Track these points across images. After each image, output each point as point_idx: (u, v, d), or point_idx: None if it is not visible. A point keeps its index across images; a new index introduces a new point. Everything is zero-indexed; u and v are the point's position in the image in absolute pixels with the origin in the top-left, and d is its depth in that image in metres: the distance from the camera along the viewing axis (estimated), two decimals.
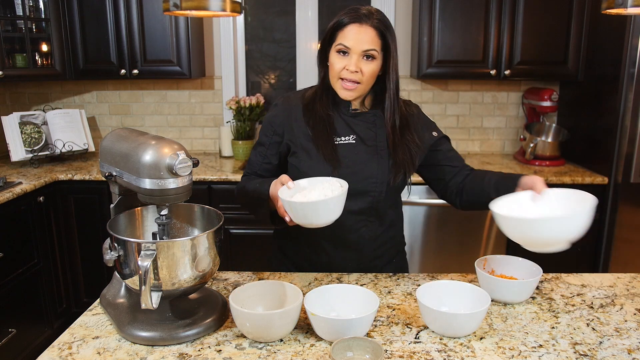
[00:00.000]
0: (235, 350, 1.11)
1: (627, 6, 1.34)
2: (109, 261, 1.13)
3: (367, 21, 1.37)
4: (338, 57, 1.39)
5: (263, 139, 1.53)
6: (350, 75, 1.38)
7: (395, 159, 1.45)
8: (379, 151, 1.46)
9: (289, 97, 1.53)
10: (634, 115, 2.65)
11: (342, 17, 1.39)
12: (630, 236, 2.78)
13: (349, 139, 1.45)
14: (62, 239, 2.91)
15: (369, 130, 1.47)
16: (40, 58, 3.10)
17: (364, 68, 1.38)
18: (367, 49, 1.37)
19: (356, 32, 1.36)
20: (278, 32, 3.48)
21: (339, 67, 1.39)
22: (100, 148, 1.27)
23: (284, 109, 1.50)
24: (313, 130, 1.44)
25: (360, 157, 1.44)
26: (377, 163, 1.45)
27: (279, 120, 1.49)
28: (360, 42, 1.36)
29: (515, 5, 2.91)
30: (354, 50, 1.37)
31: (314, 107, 1.47)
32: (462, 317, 1.12)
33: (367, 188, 1.44)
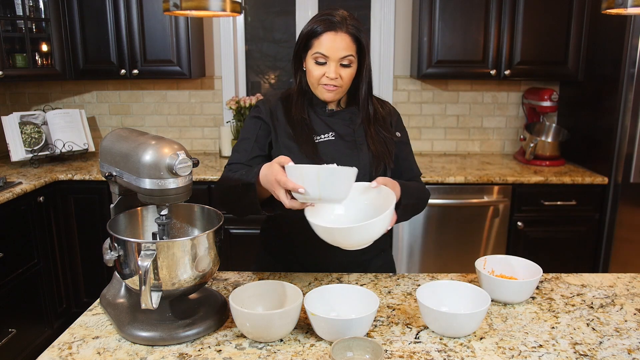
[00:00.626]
0: (235, 350, 1.11)
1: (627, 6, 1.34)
2: (109, 261, 1.13)
3: (342, 28, 1.40)
4: (316, 66, 1.42)
5: (247, 134, 1.52)
6: (330, 81, 1.42)
7: (374, 151, 1.49)
8: (358, 145, 1.50)
9: (268, 99, 1.56)
10: (634, 115, 2.65)
11: (316, 25, 1.41)
12: (630, 236, 2.79)
13: (328, 136, 1.49)
14: (62, 239, 2.91)
15: (347, 127, 1.51)
16: (40, 58, 3.10)
17: (343, 73, 1.43)
18: (344, 55, 1.40)
19: (332, 40, 1.39)
20: (278, 32, 3.48)
21: (318, 75, 1.43)
22: (100, 148, 1.27)
23: (265, 108, 1.52)
24: (293, 130, 1.48)
25: (341, 152, 1.48)
26: (358, 157, 1.49)
27: (264, 117, 1.51)
28: (337, 50, 1.40)
29: (515, 5, 2.91)
30: (332, 58, 1.40)
31: (291, 110, 1.50)
32: (462, 317, 1.12)
33: None
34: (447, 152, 3.48)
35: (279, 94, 1.57)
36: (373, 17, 3.33)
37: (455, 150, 3.48)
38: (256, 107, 1.55)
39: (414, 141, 3.46)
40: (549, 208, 2.85)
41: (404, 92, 3.39)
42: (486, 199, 2.85)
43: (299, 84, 1.51)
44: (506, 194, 2.85)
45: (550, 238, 2.90)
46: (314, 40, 1.42)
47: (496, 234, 2.88)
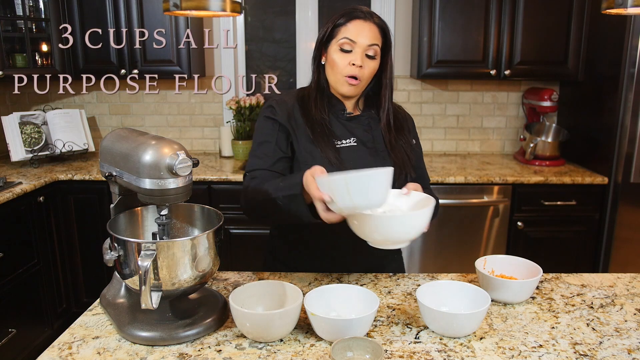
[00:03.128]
0: (235, 350, 1.11)
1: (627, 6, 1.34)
2: (109, 261, 1.13)
3: (370, 18, 1.39)
4: (341, 54, 1.38)
5: (267, 137, 1.43)
6: (355, 70, 1.37)
7: (395, 160, 1.45)
8: (379, 153, 1.46)
9: (283, 100, 1.48)
10: (634, 115, 2.65)
11: (341, 17, 1.39)
12: (630, 236, 2.79)
13: (350, 142, 1.45)
14: (62, 239, 2.91)
15: (366, 132, 1.47)
16: (40, 58, 3.09)
17: (366, 65, 1.39)
18: (370, 43, 1.37)
19: (360, 26, 1.37)
20: (278, 32, 3.48)
21: (343, 63, 1.38)
22: (100, 148, 1.26)
23: (281, 110, 1.44)
24: (313, 133, 1.42)
25: (363, 160, 1.44)
26: (380, 165, 1.44)
27: (279, 118, 1.43)
28: (365, 36, 1.37)
29: (515, 5, 2.91)
30: (359, 44, 1.37)
31: (310, 110, 1.44)
32: (462, 317, 1.12)
33: None
34: (447, 152, 3.48)
35: (295, 94, 1.50)
36: None
37: (455, 150, 3.48)
38: (270, 108, 1.46)
39: None
40: (549, 208, 2.85)
41: (404, 92, 3.39)
42: (486, 199, 2.85)
43: (317, 81, 1.46)
44: (506, 194, 2.85)
45: (550, 238, 2.90)
46: (340, 28, 1.38)
47: (496, 234, 2.88)
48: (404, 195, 1.29)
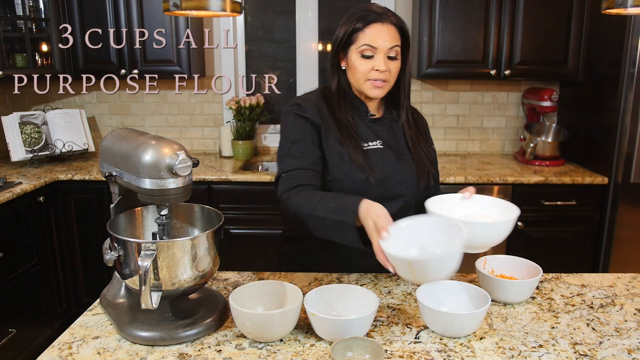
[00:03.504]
0: (235, 350, 1.11)
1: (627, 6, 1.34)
2: (109, 261, 1.13)
3: (387, 19, 1.36)
4: (362, 60, 1.37)
5: (301, 135, 1.38)
6: (380, 75, 1.36)
7: (418, 161, 1.46)
8: (403, 156, 1.46)
9: (308, 98, 1.45)
10: (634, 115, 2.65)
11: (358, 21, 1.36)
12: (630, 236, 2.78)
13: (376, 144, 1.43)
14: (62, 239, 2.91)
15: (390, 135, 1.47)
16: (40, 58, 3.09)
17: (390, 67, 1.38)
18: (391, 46, 1.36)
19: (379, 30, 1.35)
20: (278, 32, 3.48)
21: (366, 69, 1.37)
22: (100, 148, 1.26)
23: (310, 108, 1.41)
24: (340, 133, 1.39)
25: (390, 162, 1.43)
26: (405, 167, 1.45)
27: (311, 117, 1.40)
28: (384, 40, 1.35)
29: (515, 5, 2.91)
30: (380, 49, 1.35)
31: (335, 112, 1.42)
32: (462, 317, 1.12)
33: (400, 192, 1.44)
34: (447, 152, 3.48)
35: (318, 93, 1.47)
36: None
37: (455, 150, 3.48)
38: (297, 106, 1.42)
39: None
40: (549, 208, 2.85)
41: None
42: None
43: (337, 86, 1.43)
44: (506, 194, 2.84)
45: (550, 238, 2.90)
46: (358, 34, 1.36)
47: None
48: (467, 199, 1.33)
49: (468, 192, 1.36)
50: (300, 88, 3.46)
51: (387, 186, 1.39)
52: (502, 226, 1.21)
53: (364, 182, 1.37)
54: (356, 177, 1.37)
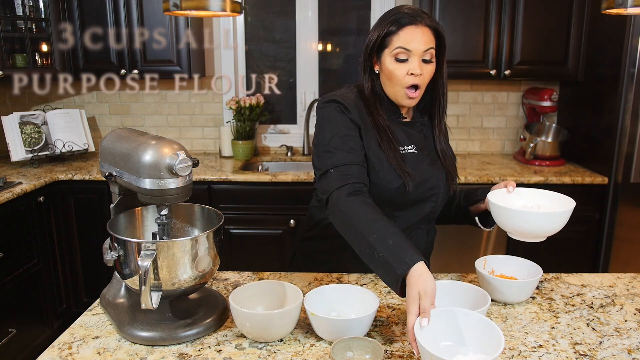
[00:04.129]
0: (235, 350, 1.11)
1: (627, 6, 1.34)
2: (109, 261, 1.13)
3: (421, 20, 1.32)
4: (398, 64, 1.32)
5: (347, 130, 1.33)
6: (415, 79, 1.32)
7: (448, 167, 1.46)
8: (435, 161, 1.45)
9: (346, 96, 1.39)
10: (634, 115, 2.65)
11: (391, 25, 1.32)
12: (630, 236, 2.78)
13: (412, 149, 1.41)
14: (62, 239, 2.91)
15: (422, 140, 1.45)
16: (40, 58, 3.10)
17: (424, 70, 1.33)
18: (426, 48, 1.31)
19: (413, 32, 1.30)
20: (278, 32, 3.48)
21: (401, 74, 1.32)
22: (100, 148, 1.27)
23: (351, 106, 1.37)
24: (380, 136, 1.37)
25: (424, 167, 1.42)
26: (437, 173, 1.44)
27: (353, 116, 1.36)
28: (419, 42, 1.30)
29: (515, 5, 2.91)
30: (415, 52, 1.31)
31: (373, 115, 1.38)
32: None
33: (431, 197, 1.44)
34: None
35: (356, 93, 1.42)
36: (373, 17, 3.33)
37: (455, 150, 3.48)
38: (339, 103, 1.37)
39: None
40: None
41: None
42: None
43: (371, 89, 1.40)
44: None
45: (551, 238, 2.89)
46: (392, 37, 1.32)
47: (496, 234, 2.88)
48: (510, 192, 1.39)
49: (511, 186, 1.39)
50: (300, 88, 3.47)
51: (421, 192, 1.39)
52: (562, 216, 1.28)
53: (400, 188, 1.35)
54: (393, 182, 1.35)
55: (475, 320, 1.03)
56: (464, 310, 1.05)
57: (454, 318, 1.04)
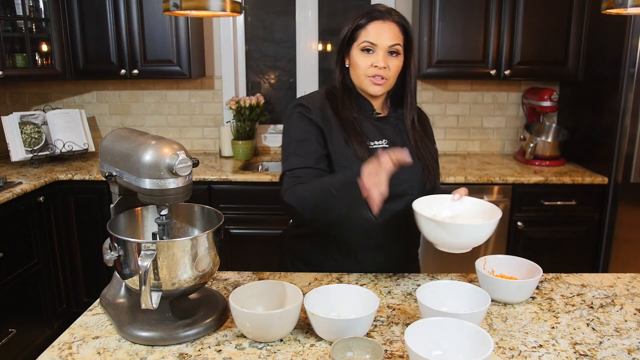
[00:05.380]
0: (235, 350, 1.11)
1: (627, 6, 1.34)
2: (109, 261, 1.13)
3: (389, 17, 1.38)
4: (363, 55, 1.39)
5: (304, 135, 1.40)
6: (379, 71, 1.38)
7: (423, 161, 1.47)
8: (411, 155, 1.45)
9: (312, 98, 1.47)
10: (634, 115, 2.65)
11: (361, 18, 1.39)
12: (630, 236, 2.78)
13: (382, 143, 1.44)
14: (62, 239, 2.91)
15: (396, 135, 1.48)
16: (40, 58, 3.10)
17: (390, 64, 1.39)
18: (392, 44, 1.37)
19: (380, 27, 1.37)
20: (278, 32, 3.48)
21: (365, 65, 1.39)
22: (100, 148, 1.27)
23: (314, 108, 1.43)
24: (345, 132, 1.41)
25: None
26: (412, 167, 1.44)
27: (313, 117, 1.42)
28: (385, 37, 1.37)
29: (515, 5, 2.91)
30: (380, 46, 1.37)
31: (339, 110, 1.43)
32: (462, 317, 1.12)
33: (406, 191, 1.45)
34: (447, 152, 3.48)
35: (322, 94, 1.48)
36: None
37: (455, 150, 3.48)
38: (301, 107, 1.43)
39: None
40: (549, 208, 2.85)
41: None
42: (486, 199, 2.85)
43: (341, 82, 1.45)
44: (506, 194, 2.85)
45: (550, 238, 2.90)
46: (360, 31, 1.39)
47: (496, 234, 2.88)
48: (457, 200, 1.38)
49: (458, 193, 1.38)
50: (300, 88, 3.46)
51: (392, 185, 1.39)
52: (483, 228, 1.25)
53: None
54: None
55: (468, 330, 1.03)
56: (457, 320, 1.05)
57: (447, 327, 1.05)
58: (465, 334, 1.03)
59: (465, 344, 1.02)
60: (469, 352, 1.02)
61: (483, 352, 0.96)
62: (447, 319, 1.06)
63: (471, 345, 1.01)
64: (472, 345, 1.01)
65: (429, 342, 1.04)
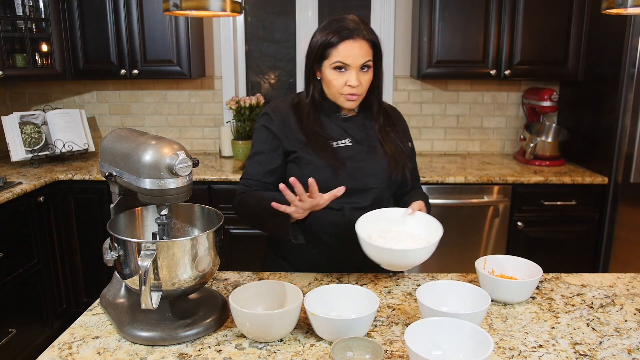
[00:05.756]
0: (235, 350, 1.11)
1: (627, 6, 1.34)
2: (109, 261, 1.13)
3: (359, 34, 1.40)
4: (336, 74, 1.42)
5: (261, 147, 1.51)
6: (352, 89, 1.42)
7: (390, 154, 1.51)
8: (375, 150, 1.51)
9: (278, 107, 1.54)
10: (634, 115, 2.65)
11: (330, 36, 1.41)
12: (630, 236, 2.78)
13: (345, 142, 1.50)
14: (62, 239, 2.91)
15: (361, 132, 1.52)
16: (40, 58, 3.10)
17: (363, 80, 1.43)
18: (363, 62, 1.41)
19: (351, 47, 1.40)
20: (278, 32, 3.48)
21: (339, 84, 1.42)
22: (100, 148, 1.27)
23: (276, 116, 1.51)
24: (307, 137, 1.47)
25: (360, 157, 1.49)
26: (375, 161, 1.50)
27: (274, 126, 1.50)
28: (356, 57, 1.40)
29: (515, 5, 2.91)
30: (353, 66, 1.41)
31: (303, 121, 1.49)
32: (462, 317, 1.12)
33: (370, 185, 1.49)
34: (447, 152, 3.48)
35: (289, 101, 1.55)
36: (373, 17, 3.33)
37: (455, 150, 3.48)
38: (265, 116, 1.52)
39: (414, 141, 3.45)
40: (549, 208, 2.85)
41: (404, 92, 3.39)
42: (486, 199, 2.85)
43: (311, 96, 1.50)
44: (506, 194, 2.85)
45: (550, 238, 2.90)
46: (331, 50, 1.41)
47: (496, 234, 2.88)
48: (409, 215, 1.39)
49: (411, 208, 1.40)
50: (300, 88, 3.47)
51: (356, 178, 1.47)
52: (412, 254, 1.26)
53: (333, 177, 1.44)
54: (324, 175, 1.43)
55: (468, 330, 1.03)
56: (457, 320, 1.05)
57: (447, 327, 1.05)
58: (465, 334, 1.03)
59: (465, 344, 1.02)
60: (469, 352, 1.02)
61: (483, 352, 0.96)
62: (447, 319, 1.06)
63: (471, 345, 1.01)
64: (472, 345, 1.01)
65: (429, 342, 1.04)
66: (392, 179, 1.51)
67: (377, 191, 1.50)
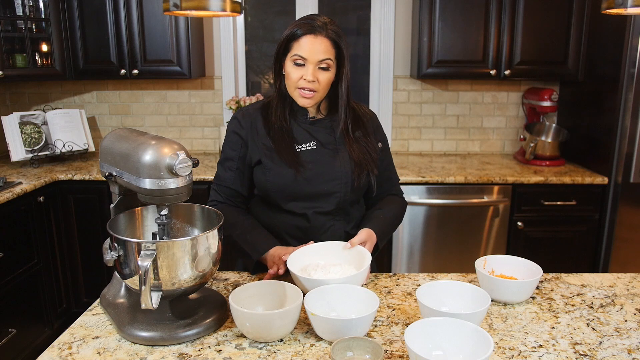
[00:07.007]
0: (235, 350, 1.11)
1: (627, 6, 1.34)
2: (109, 261, 1.13)
3: (322, 32, 1.42)
4: (294, 68, 1.43)
5: (231, 153, 1.54)
6: (308, 84, 1.42)
7: (356, 159, 1.51)
8: (340, 154, 1.51)
9: (247, 110, 1.56)
10: (634, 115, 2.65)
11: (296, 28, 1.42)
12: (630, 236, 2.79)
13: (310, 145, 1.50)
14: (62, 239, 2.91)
15: (328, 135, 1.53)
16: (40, 58, 3.09)
17: (320, 77, 1.43)
18: (322, 58, 1.41)
19: (311, 42, 1.41)
20: (278, 32, 3.48)
21: (295, 77, 1.43)
22: (100, 148, 1.27)
23: (245, 121, 1.53)
24: (273, 140, 1.49)
25: (323, 160, 1.49)
26: (340, 165, 1.50)
27: (242, 132, 1.52)
28: (315, 52, 1.40)
29: (515, 5, 2.91)
30: (310, 61, 1.41)
31: (270, 119, 1.51)
32: (462, 317, 1.12)
33: (333, 189, 1.50)
34: (447, 152, 3.48)
35: (259, 104, 1.57)
36: (373, 17, 3.33)
37: (455, 150, 3.48)
38: (235, 120, 1.55)
39: (414, 141, 3.47)
40: (549, 208, 2.85)
41: (404, 92, 3.39)
42: (486, 199, 2.85)
43: (278, 89, 1.51)
44: (506, 194, 2.85)
45: (550, 238, 2.90)
46: (293, 43, 1.42)
47: (496, 234, 2.88)
48: (348, 249, 1.39)
49: (350, 243, 1.40)
50: None
51: (318, 183, 1.48)
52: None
53: (294, 181, 1.46)
54: (287, 176, 1.46)
55: (468, 330, 1.03)
56: (457, 320, 1.05)
57: (447, 327, 1.05)
58: (465, 334, 1.03)
59: (465, 344, 1.02)
60: (469, 352, 1.02)
61: (483, 352, 0.96)
62: (447, 319, 1.06)
63: (471, 345, 1.01)
64: (472, 345, 1.01)
65: (429, 342, 1.04)
66: (358, 185, 1.52)
67: (340, 195, 1.50)
